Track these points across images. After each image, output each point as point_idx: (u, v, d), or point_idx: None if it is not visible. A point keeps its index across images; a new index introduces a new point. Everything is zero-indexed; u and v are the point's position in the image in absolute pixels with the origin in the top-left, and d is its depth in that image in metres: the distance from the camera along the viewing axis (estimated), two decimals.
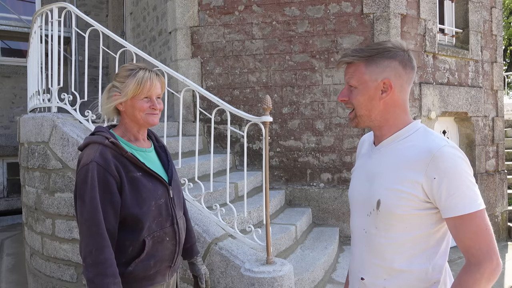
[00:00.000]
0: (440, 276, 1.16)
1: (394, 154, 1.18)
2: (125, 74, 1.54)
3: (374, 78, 1.17)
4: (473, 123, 5.34)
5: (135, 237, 1.44)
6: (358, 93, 1.19)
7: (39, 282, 3.46)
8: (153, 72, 1.55)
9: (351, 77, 1.19)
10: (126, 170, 1.44)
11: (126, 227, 1.44)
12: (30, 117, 3.49)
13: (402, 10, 4.39)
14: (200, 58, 4.74)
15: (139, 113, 1.52)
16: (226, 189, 2.98)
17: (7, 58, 7.69)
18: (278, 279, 2.37)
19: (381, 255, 1.18)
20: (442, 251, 1.16)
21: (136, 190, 1.45)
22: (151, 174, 1.51)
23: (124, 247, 1.44)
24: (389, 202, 1.14)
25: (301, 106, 4.49)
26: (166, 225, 1.53)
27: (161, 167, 1.63)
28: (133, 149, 1.54)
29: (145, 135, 1.63)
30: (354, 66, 1.19)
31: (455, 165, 1.06)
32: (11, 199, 7.47)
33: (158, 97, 1.56)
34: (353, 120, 1.23)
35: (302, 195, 4.47)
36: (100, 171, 1.38)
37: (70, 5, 3.46)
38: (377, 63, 1.16)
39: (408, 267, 1.15)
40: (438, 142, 1.10)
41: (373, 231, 1.20)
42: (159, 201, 1.51)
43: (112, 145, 1.44)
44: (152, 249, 1.48)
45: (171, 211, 1.56)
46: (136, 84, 1.49)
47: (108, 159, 1.41)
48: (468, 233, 1.04)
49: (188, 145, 4.13)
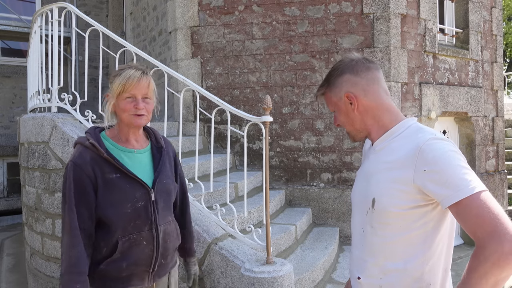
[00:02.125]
0: (437, 279, 1.14)
1: (385, 153, 1.20)
2: (114, 74, 1.53)
3: (339, 97, 1.28)
4: (473, 123, 5.34)
5: (109, 237, 1.46)
6: (338, 115, 1.32)
7: (39, 282, 3.46)
8: (142, 71, 1.51)
9: (328, 105, 1.35)
10: (103, 171, 1.45)
11: (101, 227, 1.46)
12: (30, 117, 3.49)
13: (402, 10, 4.39)
14: (200, 58, 4.74)
15: (124, 113, 1.50)
16: (226, 189, 2.98)
17: (7, 58, 7.69)
18: (278, 279, 2.37)
19: (376, 253, 1.18)
20: (440, 253, 1.14)
21: (110, 192, 1.45)
22: (130, 176, 1.49)
23: (99, 247, 1.47)
24: (383, 201, 1.14)
25: (301, 106, 4.49)
26: (144, 229, 1.51)
27: (150, 169, 1.59)
28: (119, 150, 1.53)
29: (138, 135, 1.60)
30: (325, 96, 1.34)
31: (442, 154, 1.05)
32: (11, 199, 7.47)
33: (145, 97, 1.52)
34: (349, 137, 1.36)
35: (302, 195, 4.47)
36: (77, 171, 1.42)
37: (70, 5, 3.46)
38: (334, 84, 1.29)
39: (403, 266, 1.14)
40: (425, 136, 1.11)
41: (369, 230, 1.20)
42: (137, 204, 1.48)
43: (91, 146, 1.46)
44: (126, 251, 1.47)
45: (150, 215, 1.52)
46: (119, 83, 1.47)
47: (86, 160, 1.44)
48: (469, 217, 0.99)
49: (188, 145, 4.13)
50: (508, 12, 16.05)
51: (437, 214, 1.11)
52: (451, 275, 1.22)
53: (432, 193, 1.06)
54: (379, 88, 1.25)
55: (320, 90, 1.34)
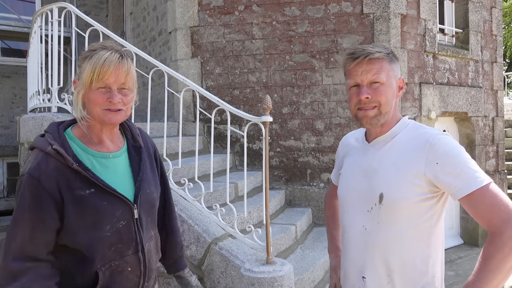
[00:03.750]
0: (438, 270, 1.18)
1: (391, 148, 1.22)
2: (84, 55, 1.20)
3: (395, 75, 1.23)
4: (473, 123, 5.34)
5: (85, 268, 1.16)
6: (385, 89, 1.18)
7: None
8: (120, 54, 1.19)
9: (378, 73, 1.17)
10: (71, 187, 1.13)
11: (74, 256, 1.16)
12: (30, 117, 3.49)
13: (402, 10, 4.39)
14: (200, 58, 4.74)
15: (95, 108, 1.17)
16: (226, 189, 2.98)
17: (7, 58, 7.69)
18: (278, 279, 2.37)
19: (384, 250, 1.19)
20: (441, 245, 1.19)
21: (83, 213, 1.14)
22: (107, 191, 1.18)
23: (71, 279, 1.16)
24: (393, 195, 1.16)
25: (301, 106, 4.49)
26: (128, 253, 1.23)
27: (129, 178, 1.28)
28: (90, 156, 1.21)
29: (113, 134, 1.29)
30: (379, 63, 1.18)
31: (453, 148, 1.11)
32: (11, 199, 7.46)
33: (122, 87, 1.19)
34: (375, 118, 1.20)
35: (302, 195, 4.47)
36: (34, 186, 1.09)
37: (70, 5, 3.46)
38: (394, 62, 1.23)
39: (411, 260, 1.16)
40: (432, 132, 1.17)
41: (375, 227, 1.20)
42: (118, 224, 1.20)
43: (55, 153, 1.12)
44: (109, 281, 1.19)
45: (135, 235, 1.24)
46: (90, 69, 1.14)
47: (47, 171, 1.11)
48: (485, 206, 1.04)
49: (188, 145, 4.13)
50: (508, 19, 16.06)
51: (440, 207, 1.16)
52: (451, 275, 1.23)
53: (445, 185, 1.10)
54: None
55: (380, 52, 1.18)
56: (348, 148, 1.39)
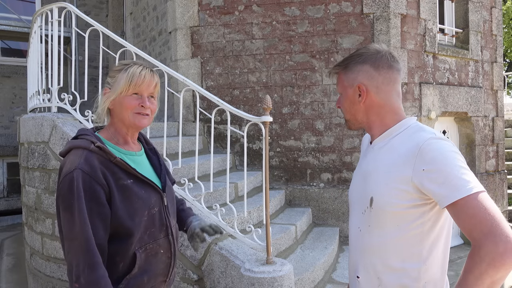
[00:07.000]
0: (433, 278, 1.14)
1: (385, 151, 1.20)
2: (117, 68, 1.40)
3: (350, 83, 1.24)
4: (473, 123, 5.34)
5: (125, 250, 1.30)
6: (343, 99, 1.29)
7: (39, 282, 3.46)
8: (148, 69, 1.40)
9: (337, 85, 1.31)
10: (115, 177, 1.29)
11: (115, 240, 1.29)
12: (30, 117, 3.49)
13: (402, 10, 4.39)
14: (200, 58, 4.74)
15: (126, 111, 1.35)
16: (226, 189, 2.98)
17: (7, 58, 7.69)
18: (278, 279, 2.37)
19: (375, 253, 1.18)
20: (437, 253, 1.14)
21: (128, 200, 1.30)
22: (143, 180, 1.35)
23: (114, 263, 1.29)
24: (382, 199, 1.14)
25: (301, 106, 4.49)
26: (160, 236, 1.39)
27: (153, 172, 1.48)
28: (122, 154, 1.38)
29: (135, 137, 1.47)
30: (338, 76, 1.30)
31: (441, 154, 1.05)
32: (11, 199, 7.47)
33: (150, 96, 1.40)
34: (346, 124, 1.34)
35: (302, 195, 4.47)
36: (86, 179, 1.23)
37: (70, 5, 3.46)
38: (351, 69, 1.24)
39: (401, 266, 1.14)
40: (425, 135, 1.11)
41: (367, 229, 1.20)
42: (152, 210, 1.37)
43: (98, 150, 1.28)
44: (145, 263, 1.34)
45: (165, 221, 1.42)
46: (127, 79, 1.34)
47: (95, 165, 1.25)
48: (466, 217, 0.99)
49: (188, 145, 4.14)
50: (507, 19, 16.05)
51: (435, 215, 1.12)
52: (451, 275, 1.22)
53: (431, 193, 1.06)
54: (393, 89, 1.24)
55: (335, 68, 1.30)
56: (363, 148, 1.41)
